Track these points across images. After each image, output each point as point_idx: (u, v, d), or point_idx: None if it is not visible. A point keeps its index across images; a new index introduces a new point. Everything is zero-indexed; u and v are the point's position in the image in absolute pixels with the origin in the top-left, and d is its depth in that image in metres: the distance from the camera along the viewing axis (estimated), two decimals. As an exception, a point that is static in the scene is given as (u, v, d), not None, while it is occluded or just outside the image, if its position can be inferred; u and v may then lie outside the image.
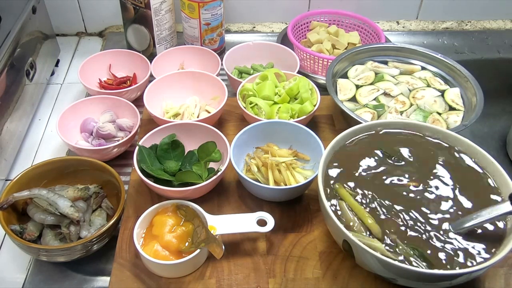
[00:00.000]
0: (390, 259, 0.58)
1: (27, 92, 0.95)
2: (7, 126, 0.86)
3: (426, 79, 0.98)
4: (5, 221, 0.70)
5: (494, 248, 0.62)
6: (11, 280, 0.73)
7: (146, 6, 1.01)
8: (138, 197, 0.81)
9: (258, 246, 0.73)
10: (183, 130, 0.84)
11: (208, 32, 1.08)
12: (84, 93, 1.06)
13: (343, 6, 1.21)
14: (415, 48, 1.01)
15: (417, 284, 0.61)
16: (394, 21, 1.30)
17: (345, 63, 1.00)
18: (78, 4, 1.19)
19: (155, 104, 0.93)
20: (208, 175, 0.79)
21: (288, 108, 0.88)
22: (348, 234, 0.60)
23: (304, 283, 0.69)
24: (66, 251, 0.68)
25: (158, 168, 0.79)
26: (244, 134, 0.81)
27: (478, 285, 0.70)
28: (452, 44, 1.25)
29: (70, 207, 0.71)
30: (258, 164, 0.79)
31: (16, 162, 0.91)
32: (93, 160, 0.78)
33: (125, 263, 0.71)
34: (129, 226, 0.76)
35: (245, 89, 0.92)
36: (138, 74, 1.05)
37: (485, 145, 0.71)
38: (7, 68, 0.86)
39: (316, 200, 0.79)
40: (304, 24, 1.17)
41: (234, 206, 0.80)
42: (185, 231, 0.69)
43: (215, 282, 0.69)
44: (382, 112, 0.91)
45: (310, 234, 0.75)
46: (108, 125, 0.91)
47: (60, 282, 0.72)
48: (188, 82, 0.97)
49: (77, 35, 1.25)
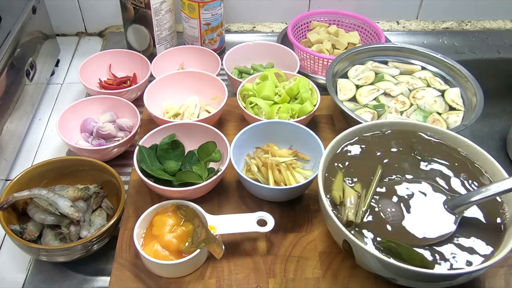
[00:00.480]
0: (390, 259, 0.58)
1: (27, 92, 0.95)
2: (7, 126, 0.86)
3: (426, 79, 0.98)
4: (5, 221, 0.70)
5: (494, 248, 0.62)
6: (11, 280, 0.73)
7: (146, 6, 1.01)
8: (138, 197, 0.81)
9: (258, 246, 0.73)
10: (183, 130, 0.84)
11: (208, 32, 1.08)
12: (84, 93, 1.06)
13: (343, 6, 1.21)
14: (415, 48, 1.01)
15: (417, 284, 0.61)
16: (394, 21, 1.30)
17: (345, 63, 1.00)
18: (78, 4, 1.19)
19: (155, 104, 0.93)
20: (208, 175, 0.79)
21: (288, 108, 0.88)
22: (348, 234, 0.60)
23: (304, 283, 0.69)
24: (66, 251, 0.68)
25: (158, 168, 0.79)
26: (244, 134, 0.81)
27: (478, 285, 0.70)
28: (452, 44, 1.25)
29: (70, 207, 0.71)
30: (258, 164, 0.79)
31: (16, 162, 0.91)
32: (93, 160, 0.78)
33: (125, 263, 0.71)
34: (129, 226, 0.76)
35: (245, 89, 0.92)
36: (138, 74, 1.05)
37: (485, 145, 0.71)
38: (7, 68, 0.86)
39: (316, 200, 0.79)
40: (304, 24, 1.17)
41: (234, 206, 0.80)
42: (185, 231, 0.69)
43: (215, 282, 0.69)
44: (382, 112, 0.91)
45: (310, 234, 0.75)
46: (108, 125, 0.91)
47: (60, 282, 0.72)
48: (188, 82, 0.97)
49: (77, 35, 1.25)
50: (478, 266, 0.59)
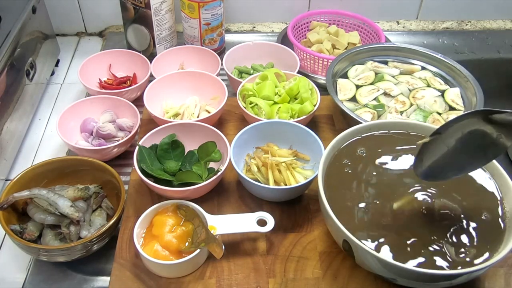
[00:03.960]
0: (390, 259, 0.58)
1: (27, 92, 0.95)
2: (7, 126, 0.86)
3: (426, 79, 0.98)
4: (5, 221, 0.70)
5: (494, 248, 0.62)
6: (11, 280, 0.73)
7: (146, 6, 1.01)
8: (138, 197, 0.81)
9: (258, 246, 0.73)
10: (183, 130, 0.84)
11: (208, 32, 1.08)
12: (84, 93, 1.06)
13: (343, 6, 1.21)
14: (415, 48, 1.01)
15: (417, 284, 0.61)
16: (394, 21, 1.30)
17: (345, 63, 1.00)
18: (78, 4, 1.19)
19: (155, 104, 0.93)
20: (208, 175, 0.79)
21: (288, 108, 0.88)
22: (348, 234, 0.60)
23: (304, 283, 0.69)
24: (66, 251, 0.69)
25: (158, 168, 0.79)
26: (244, 134, 0.81)
27: (478, 285, 0.70)
28: (452, 44, 1.25)
29: (70, 207, 0.71)
30: (258, 164, 0.79)
31: (16, 162, 0.91)
32: (93, 160, 0.78)
33: (125, 263, 0.71)
34: (129, 226, 0.76)
35: (245, 89, 0.92)
36: (138, 74, 1.05)
37: (485, 145, 0.72)
38: (7, 68, 0.86)
39: (316, 200, 0.79)
40: (304, 24, 1.17)
41: (234, 206, 0.80)
42: (185, 231, 0.69)
43: (215, 282, 0.69)
44: (382, 112, 0.91)
45: (310, 234, 0.75)
46: (108, 125, 0.91)
47: (60, 282, 0.72)
48: (188, 82, 0.97)
49: (77, 35, 1.25)
50: (478, 266, 0.59)
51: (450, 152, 0.61)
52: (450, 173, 0.64)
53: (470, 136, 0.60)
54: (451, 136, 0.61)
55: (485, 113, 0.58)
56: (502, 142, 0.58)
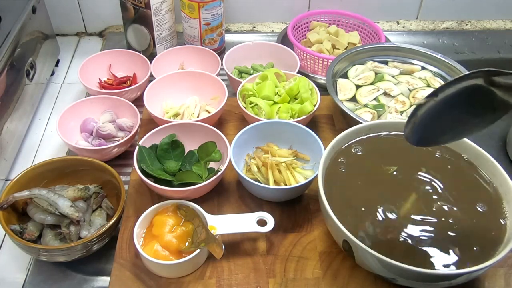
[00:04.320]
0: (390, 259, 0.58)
1: (27, 92, 0.95)
2: (7, 126, 0.86)
3: (426, 79, 0.98)
4: (5, 221, 0.70)
5: (494, 248, 0.62)
6: (11, 280, 0.73)
7: (146, 6, 1.01)
8: (138, 197, 0.81)
9: (258, 246, 0.73)
10: (183, 130, 0.84)
11: (208, 32, 1.08)
12: (84, 93, 1.06)
13: (343, 6, 1.21)
14: (415, 48, 1.01)
15: (417, 284, 0.61)
16: (394, 21, 1.30)
17: (345, 63, 1.00)
18: (78, 4, 1.19)
19: (155, 104, 0.93)
20: (208, 175, 0.79)
21: (288, 108, 0.88)
22: (348, 234, 0.60)
23: (304, 283, 0.69)
24: (66, 251, 0.69)
25: (158, 168, 0.79)
26: (244, 134, 0.81)
27: (478, 285, 0.70)
28: (452, 44, 1.25)
29: (70, 207, 0.71)
30: (258, 164, 0.79)
31: (16, 162, 0.91)
32: (93, 160, 0.78)
33: (125, 263, 0.71)
34: (129, 226, 0.76)
35: (245, 89, 0.92)
36: (138, 74, 1.05)
37: (485, 145, 0.71)
38: (7, 68, 0.86)
39: (316, 200, 0.79)
40: (304, 24, 1.17)
41: (234, 206, 0.80)
42: (185, 231, 0.69)
43: (215, 282, 0.69)
44: (382, 112, 0.91)
45: (310, 234, 0.75)
46: (108, 125, 0.91)
47: (60, 282, 0.72)
48: (188, 82, 0.97)
49: (77, 35, 1.25)
50: (478, 266, 0.59)
51: (446, 113, 0.56)
52: (445, 137, 0.60)
53: (468, 94, 0.54)
54: (449, 97, 0.55)
55: (488, 74, 0.53)
56: (507, 100, 0.53)
